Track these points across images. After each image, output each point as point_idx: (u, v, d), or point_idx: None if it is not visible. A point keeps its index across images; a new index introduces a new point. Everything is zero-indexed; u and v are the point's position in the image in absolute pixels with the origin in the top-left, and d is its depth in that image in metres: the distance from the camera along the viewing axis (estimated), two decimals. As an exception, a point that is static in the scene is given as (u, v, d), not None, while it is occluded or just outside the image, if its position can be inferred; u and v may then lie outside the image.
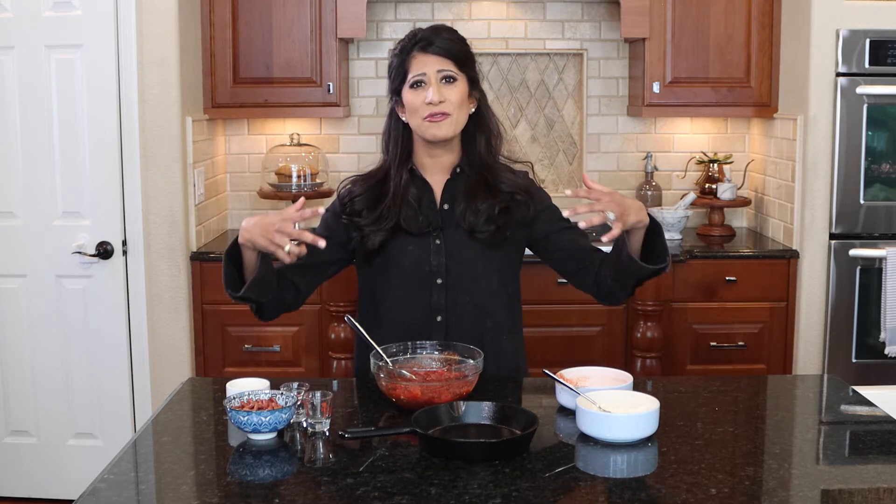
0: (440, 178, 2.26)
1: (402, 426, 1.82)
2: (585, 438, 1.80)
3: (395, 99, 2.24)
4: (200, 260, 3.56)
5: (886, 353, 3.46)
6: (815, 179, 3.51)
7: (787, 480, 1.66)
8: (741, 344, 3.60)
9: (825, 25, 3.44)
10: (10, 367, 3.56)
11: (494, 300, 2.25)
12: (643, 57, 3.78)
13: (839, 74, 3.44)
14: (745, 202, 4.00)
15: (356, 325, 2.10)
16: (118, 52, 3.41)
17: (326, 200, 3.76)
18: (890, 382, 3.40)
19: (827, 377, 2.31)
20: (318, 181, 3.96)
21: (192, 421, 2.01)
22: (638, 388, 1.98)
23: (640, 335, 3.52)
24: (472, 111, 2.24)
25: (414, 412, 1.82)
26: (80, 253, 3.46)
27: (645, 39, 3.74)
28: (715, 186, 3.98)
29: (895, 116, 3.45)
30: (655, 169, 4.10)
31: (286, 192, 3.91)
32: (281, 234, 1.96)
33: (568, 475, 1.67)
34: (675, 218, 3.78)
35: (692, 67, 3.77)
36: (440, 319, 2.22)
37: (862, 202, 3.48)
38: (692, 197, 3.89)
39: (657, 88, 3.77)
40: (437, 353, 2.10)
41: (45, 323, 3.53)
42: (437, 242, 2.22)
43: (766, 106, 3.80)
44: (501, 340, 2.25)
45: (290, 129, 4.06)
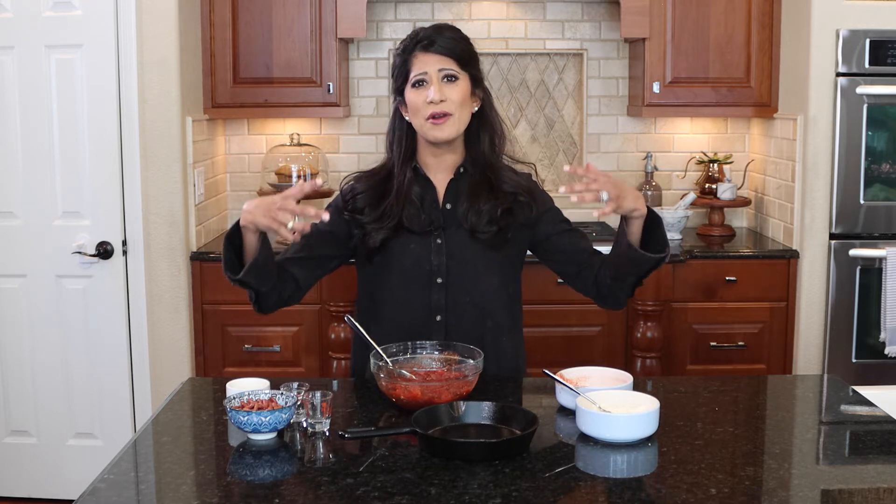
0: (444, 177, 2.26)
1: (402, 426, 1.82)
2: (585, 438, 1.80)
3: (398, 99, 2.24)
4: (200, 260, 3.56)
5: (886, 353, 3.46)
6: (815, 179, 3.51)
7: (787, 480, 1.66)
8: (741, 344, 3.60)
9: (825, 25, 3.44)
10: (10, 367, 3.56)
11: (495, 301, 2.24)
12: (643, 57, 3.78)
13: (839, 74, 3.44)
14: (745, 202, 4.00)
15: (356, 325, 2.10)
16: (118, 52, 3.41)
17: (326, 200, 3.76)
18: (890, 382, 3.40)
19: (827, 377, 2.31)
20: (318, 181, 3.95)
21: (192, 421, 2.01)
22: (638, 388, 1.98)
23: (640, 335, 3.52)
24: (475, 110, 2.24)
25: (414, 412, 1.82)
26: (80, 253, 3.46)
27: (645, 39, 3.74)
28: (715, 186, 3.98)
29: (895, 116, 3.45)
30: (655, 169, 4.10)
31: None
32: (283, 210, 1.96)
33: (568, 475, 1.67)
34: (675, 218, 3.77)
35: (692, 67, 3.77)
36: (440, 319, 2.21)
37: (862, 202, 3.48)
38: (692, 197, 3.89)
39: (657, 88, 3.77)
40: (437, 353, 2.10)
41: (45, 323, 3.53)
42: (438, 242, 2.22)
43: (766, 106, 3.80)
44: (501, 341, 2.25)
45: (290, 129, 4.06)
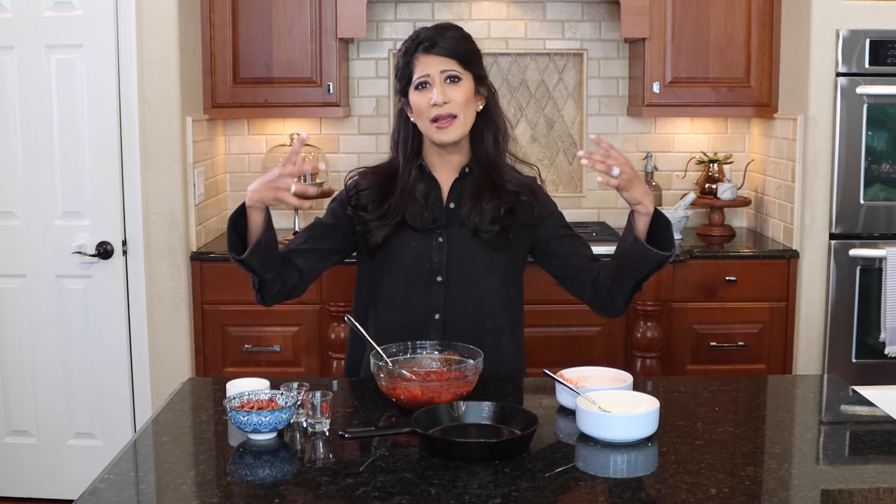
0: (448, 176, 2.27)
1: (402, 426, 1.82)
2: (585, 438, 1.80)
3: (403, 100, 2.25)
4: (200, 260, 3.56)
5: (886, 353, 3.46)
6: (815, 179, 3.51)
7: (787, 480, 1.66)
8: (741, 344, 3.59)
9: (825, 25, 3.43)
10: (10, 367, 3.56)
11: (494, 302, 2.24)
12: (643, 57, 3.78)
13: (839, 74, 3.44)
14: (745, 202, 3.99)
15: (356, 325, 2.10)
16: (118, 52, 3.41)
17: (326, 201, 3.75)
18: (890, 382, 3.40)
19: (827, 377, 2.31)
20: (317, 181, 3.96)
21: (192, 421, 2.01)
22: (638, 388, 1.98)
23: (640, 335, 3.52)
24: (479, 108, 2.24)
25: (414, 412, 1.82)
26: (80, 253, 3.46)
27: (645, 39, 3.74)
28: (715, 186, 3.98)
29: (895, 116, 3.45)
30: (655, 169, 4.10)
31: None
32: (284, 177, 1.99)
33: (568, 475, 1.67)
34: (675, 218, 3.77)
35: (692, 67, 3.77)
36: (438, 317, 2.21)
37: (862, 202, 3.48)
38: (692, 197, 3.89)
39: (657, 88, 3.77)
40: (437, 353, 2.10)
41: (45, 323, 3.53)
42: (439, 240, 2.22)
43: (766, 106, 3.80)
44: (501, 342, 2.25)
45: (290, 129, 4.06)
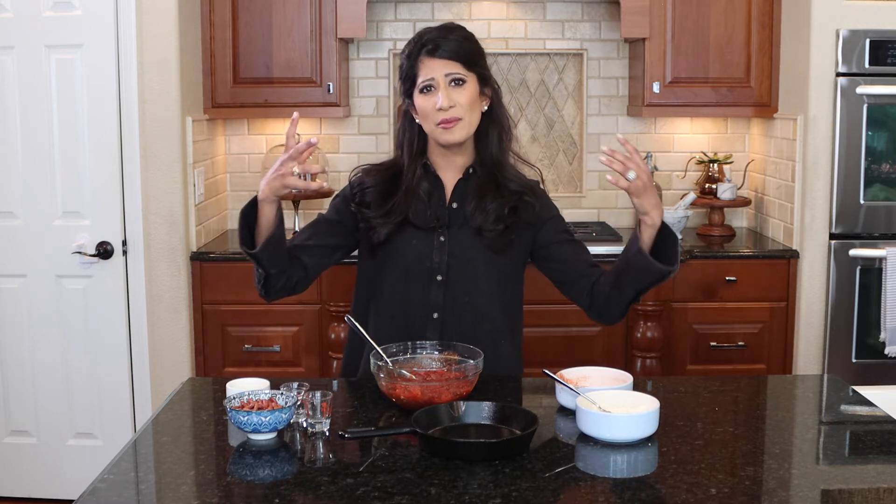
0: (452, 176, 2.27)
1: (402, 426, 1.82)
2: (585, 438, 1.80)
3: (407, 101, 2.24)
4: (200, 260, 3.56)
5: (886, 353, 3.46)
6: (815, 179, 3.51)
7: (787, 480, 1.66)
8: (741, 344, 3.59)
9: (825, 25, 3.43)
10: (10, 367, 3.56)
11: (493, 304, 2.25)
12: (643, 57, 3.78)
13: (839, 74, 3.44)
14: (745, 202, 3.99)
15: (356, 325, 2.10)
16: (118, 52, 3.41)
17: (325, 201, 3.76)
18: (890, 382, 3.40)
19: (827, 377, 2.31)
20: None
21: (192, 421, 2.01)
22: (638, 388, 1.98)
23: (640, 335, 3.52)
24: (484, 109, 2.24)
25: (414, 412, 1.82)
26: (80, 253, 3.46)
27: (645, 39, 3.74)
28: (715, 186, 3.98)
29: (895, 116, 3.45)
30: (655, 169, 4.10)
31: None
32: (285, 162, 2.02)
33: (568, 475, 1.67)
34: (675, 218, 3.77)
35: (692, 67, 3.77)
36: (436, 316, 2.22)
37: (862, 202, 3.48)
38: (692, 197, 3.89)
39: (657, 88, 3.77)
40: (437, 353, 2.10)
41: (45, 323, 3.53)
42: (441, 239, 2.22)
43: (766, 106, 3.80)
44: (500, 344, 2.25)
45: (290, 129, 4.05)
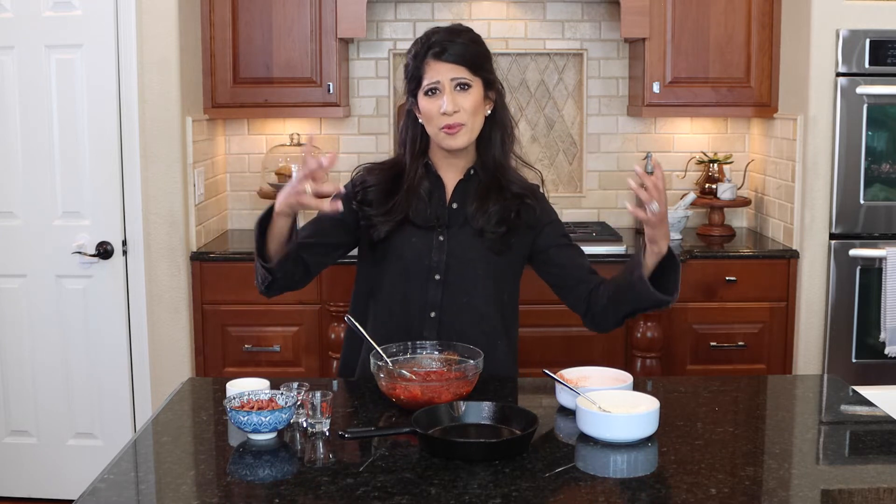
0: (453, 176, 2.28)
1: (402, 426, 1.82)
2: (585, 438, 1.80)
3: (411, 100, 2.25)
4: (200, 260, 3.56)
5: (886, 353, 3.46)
6: (815, 179, 3.51)
7: (787, 480, 1.66)
8: (741, 344, 3.59)
9: (825, 25, 3.43)
10: (10, 367, 3.56)
11: (490, 305, 2.25)
12: (643, 57, 3.78)
13: (839, 74, 3.44)
14: (745, 202, 3.99)
15: (356, 325, 2.11)
16: (118, 52, 3.41)
17: (325, 201, 3.76)
18: (890, 382, 3.40)
19: (827, 377, 2.31)
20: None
21: (192, 421, 2.01)
22: (638, 388, 1.98)
23: (640, 335, 3.52)
24: (488, 113, 2.25)
25: (414, 412, 1.82)
26: (80, 253, 3.46)
27: (645, 39, 3.74)
28: (715, 186, 3.98)
29: (895, 116, 3.45)
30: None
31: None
32: (300, 180, 2.02)
33: (568, 475, 1.67)
34: (675, 218, 3.77)
35: (692, 67, 3.77)
36: (434, 316, 2.22)
37: (862, 202, 3.48)
38: (692, 197, 3.89)
39: (657, 88, 3.77)
40: (437, 353, 2.10)
41: (45, 323, 3.53)
42: (440, 239, 2.23)
43: (766, 106, 3.80)
44: (497, 345, 2.25)
45: (290, 129, 4.06)
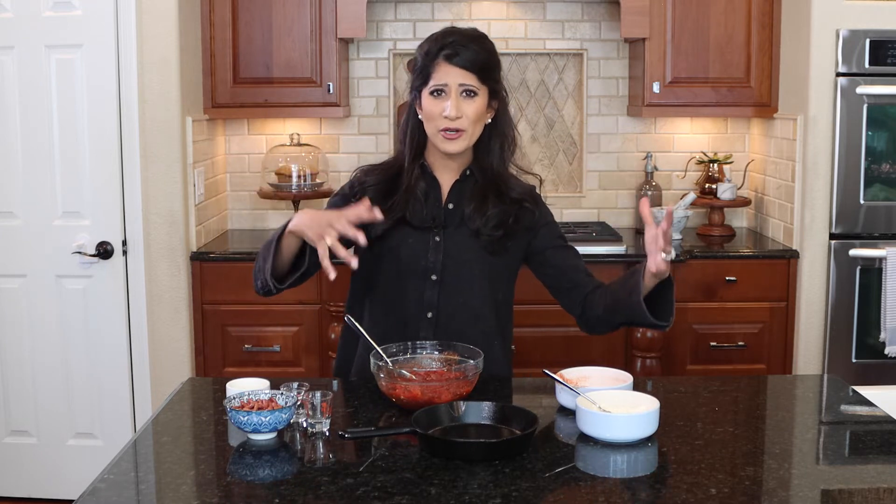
0: (449, 177, 2.28)
1: (402, 426, 1.82)
2: (585, 438, 1.80)
3: (415, 95, 2.25)
4: (200, 260, 3.56)
5: (886, 353, 3.46)
6: (815, 179, 3.51)
7: (787, 480, 1.66)
8: (741, 344, 3.59)
9: (825, 25, 3.43)
10: (10, 367, 3.56)
11: (485, 305, 2.26)
12: (643, 57, 3.78)
13: (839, 74, 3.44)
14: (745, 202, 3.99)
15: (356, 325, 2.11)
16: (118, 52, 3.41)
17: (324, 201, 3.76)
18: (890, 382, 3.40)
19: (827, 377, 2.31)
20: (318, 181, 3.96)
21: (192, 421, 2.01)
22: (638, 388, 1.98)
23: (640, 335, 3.52)
24: (488, 121, 2.25)
25: (414, 412, 1.82)
26: (80, 253, 3.46)
27: (645, 39, 3.74)
28: (715, 186, 3.98)
29: (895, 116, 3.45)
30: (655, 169, 4.10)
31: (286, 192, 3.90)
32: (333, 227, 1.94)
33: (568, 475, 1.67)
34: (674, 218, 3.77)
35: (692, 67, 3.77)
36: (430, 316, 2.22)
37: (862, 202, 3.48)
38: (692, 197, 3.89)
39: (657, 88, 3.77)
40: (437, 353, 2.10)
41: (45, 323, 3.53)
42: (436, 239, 2.23)
43: (766, 106, 3.80)
44: (493, 345, 2.25)
45: (290, 129, 4.06)
